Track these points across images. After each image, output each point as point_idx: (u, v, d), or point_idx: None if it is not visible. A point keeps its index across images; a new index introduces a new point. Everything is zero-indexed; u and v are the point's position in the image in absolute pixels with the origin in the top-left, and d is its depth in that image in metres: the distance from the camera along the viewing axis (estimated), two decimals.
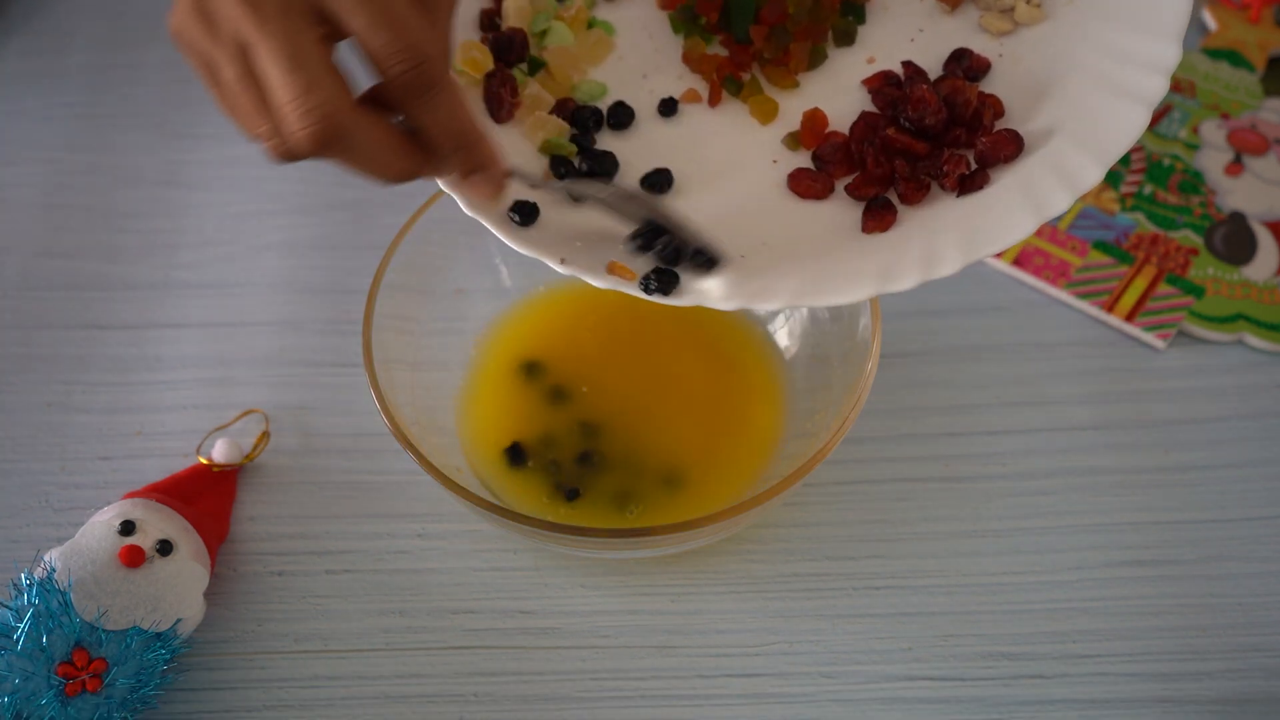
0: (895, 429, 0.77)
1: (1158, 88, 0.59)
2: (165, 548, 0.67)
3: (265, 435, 0.76)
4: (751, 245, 0.62)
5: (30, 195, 0.89)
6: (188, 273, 0.85)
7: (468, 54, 0.65)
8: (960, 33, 0.67)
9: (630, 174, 0.65)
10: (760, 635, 0.70)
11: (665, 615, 0.71)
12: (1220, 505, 0.74)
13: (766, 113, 0.66)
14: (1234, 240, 0.84)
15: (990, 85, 0.65)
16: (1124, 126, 0.59)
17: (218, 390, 0.79)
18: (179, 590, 0.66)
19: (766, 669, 0.69)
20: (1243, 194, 0.85)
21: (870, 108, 0.65)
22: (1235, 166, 0.87)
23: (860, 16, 0.68)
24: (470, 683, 0.69)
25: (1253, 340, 0.80)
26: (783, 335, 0.78)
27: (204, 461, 0.74)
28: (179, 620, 0.66)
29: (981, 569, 0.72)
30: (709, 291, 0.59)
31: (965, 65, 0.65)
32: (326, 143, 0.53)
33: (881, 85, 0.65)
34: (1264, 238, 0.84)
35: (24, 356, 0.81)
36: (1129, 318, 0.80)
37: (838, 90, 0.67)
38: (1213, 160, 0.87)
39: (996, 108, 0.63)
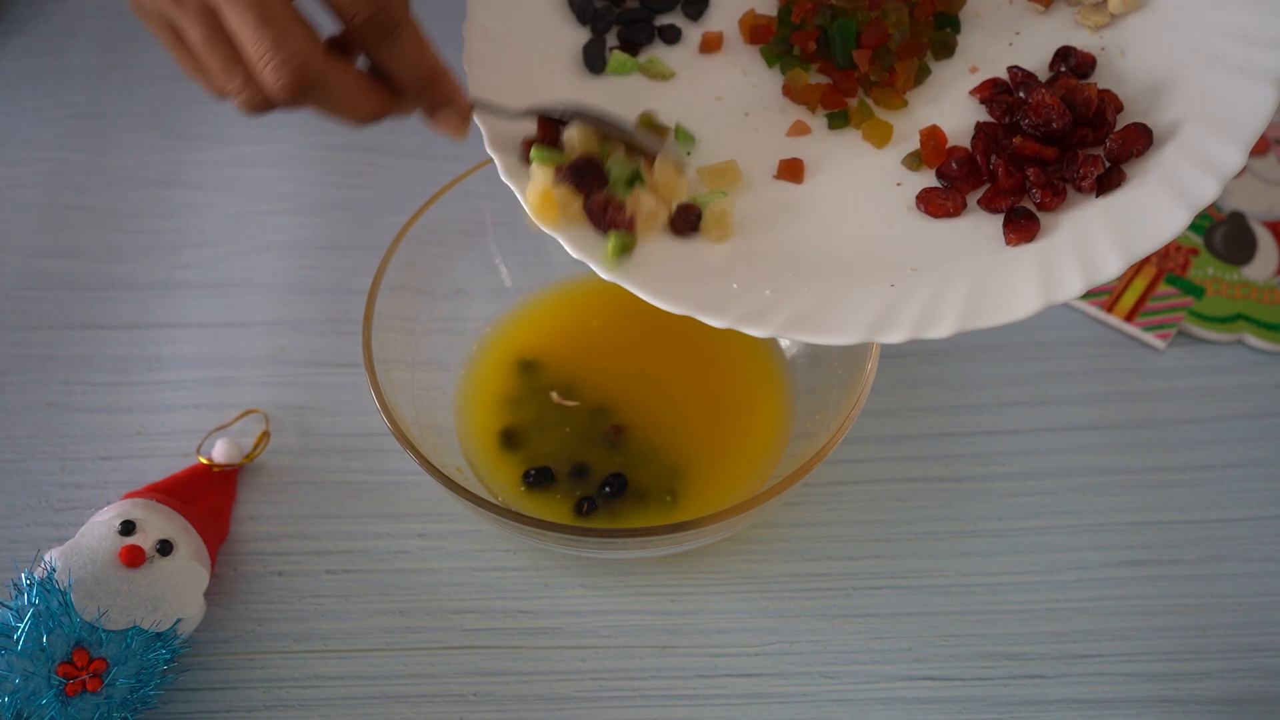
0: (895, 429, 0.77)
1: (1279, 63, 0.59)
2: (165, 548, 0.67)
3: (265, 435, 0.76)
4: (899, 272, 0.60)
5: (30, 195, 0.89)
6: (188, 273, 0.85)
7: (547, 204, 0.60)
8: (1058, 31, 0.66)
9: (751, 221, 0.64)
10: (760, 635, 0.70)
11: (665, 615, 0.71)
12: (1220, 505, 0.74)
13: (881, 136, 0.65)
14: (1234, 240, 0.84)
15: (1099, 80, 0.64)
16: (1255, 106, 0.58)
17: (218, 390, 0.79)
18: (179, 590, 0.66)
19: (766, 669, 0.69)
20: (1243, 194, 0.85)
21: (982, 117, 0.64)
22: None
23: (956, 26, 0.68)
24: (470, 683, 0.69)
25: (1253, 340, 0.80)
26: None
27: (204, 461, 0.74)
28: (179, 620, 0.66)
29: (981, 569, 0.72)
30: (870, 327, 0.57)
31: (1072, 64, 0.64)
32: (302, 91, 0.56)
33: (992, 94, 0.64)
34: (1264, 238, 0.84)
35: (24, 356, 0.81)
36: (1129, 318, 0.80)
37: (946, 104, 0.66)
38: None
39: (1115, 103, 0.62)
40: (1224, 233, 0.84)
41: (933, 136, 0.64)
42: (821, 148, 0.66)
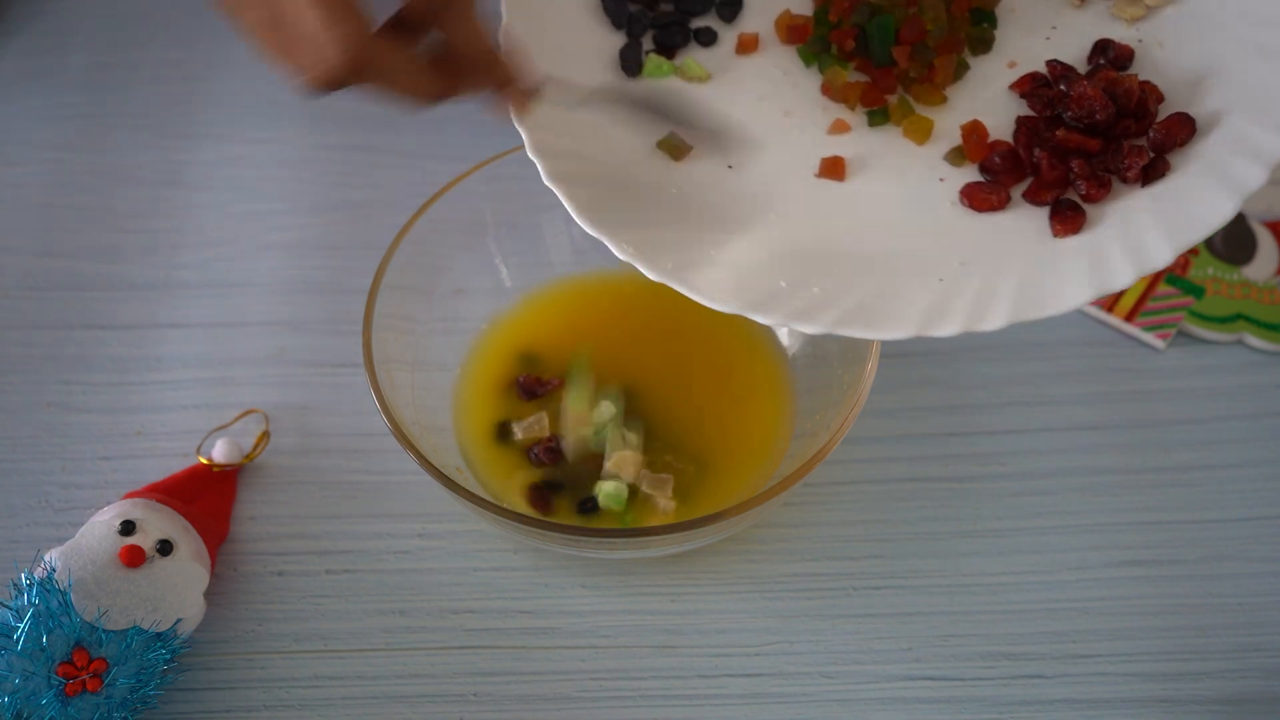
0: (895, 429, 0.77)
1: None
2: (165, 548, 0.67)
3: (265, 435, 0.76)
4: (948, 267, 0.60)
5: (30, 195, 0.89)
6: (188, 273, 0.85)
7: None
8: (1094, 24, 0.66)
9: (795, 219, 0.64)
10: (760, 635, 0.70)
11: (665, 615, 0.71)
12: (1220, 505, 0.74)
13: (922, 132, 0.65)
14: (1234, 240, 0.84)
15: (1138, 72, 0.64)
16: None
17: (218, 390, 0.79)
18: (179, 590, 0.66)
19: (766, 669, 0.69)
20: None
21: (1023, 111, 0.65)
22: None
23: (993, 21, 0.68)
24: (470, 683, 0.69)
25: (1253, 340, 0.80)
26: (784, 334, 0.78)
27: (204, 461, 0.74)
28: (179, 620, 0.66)
29: (981, 569, 0.72)
30: (922, 321, 0.58)
31: (1110, 56, 0.64)
32: (359, 68, 0.56)
33: (1032, 87, 0.65)
34: (1264, 237, 0.84)
35: (24, 356, 0.81)
36: (1129, 318, 0.80)
37: (986, 99, 0.66)
38: None
39: (1156, 94, 0.62)
40: (1224, 233, 0.84)
41: (974, 131, 0.64)
42: (863, 145, 0.66)
